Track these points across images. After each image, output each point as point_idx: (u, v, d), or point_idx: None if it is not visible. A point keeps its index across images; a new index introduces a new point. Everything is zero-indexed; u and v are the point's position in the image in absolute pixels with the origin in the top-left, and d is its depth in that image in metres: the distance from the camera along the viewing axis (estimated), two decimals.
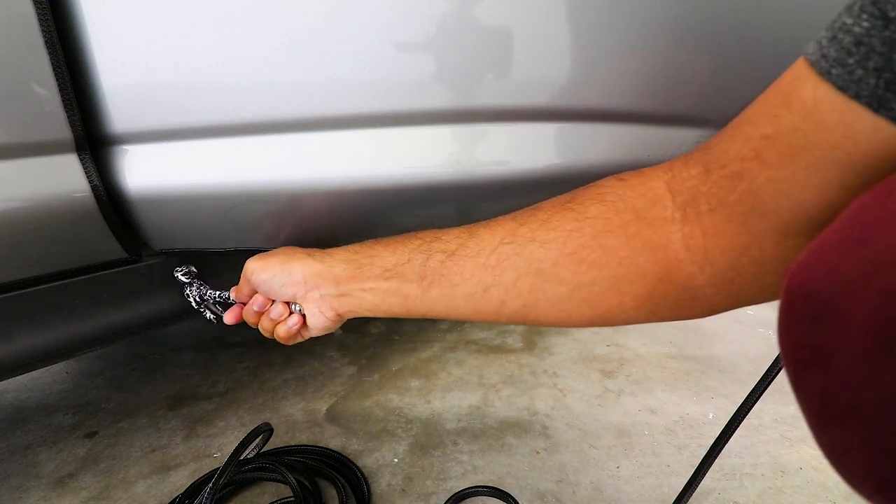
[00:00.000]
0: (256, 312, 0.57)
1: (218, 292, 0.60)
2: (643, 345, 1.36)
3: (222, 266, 0.74)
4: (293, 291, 0.53)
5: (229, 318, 0.60)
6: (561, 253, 0.40)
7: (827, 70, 0.26)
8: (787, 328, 0.23)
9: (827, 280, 0.20)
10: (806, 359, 0.22)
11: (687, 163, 0.37)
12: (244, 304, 0.59)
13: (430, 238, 0.47)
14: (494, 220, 0.46)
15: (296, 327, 0.55)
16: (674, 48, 0.50)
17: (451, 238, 0.46)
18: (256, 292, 0.57)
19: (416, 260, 0.46)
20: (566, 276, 0.40)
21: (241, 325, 0.62)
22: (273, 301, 0.56)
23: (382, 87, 0.52)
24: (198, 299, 0.60)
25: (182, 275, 0.60)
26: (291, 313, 0.55)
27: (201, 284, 0.60)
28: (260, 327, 0.58)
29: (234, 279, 0.59)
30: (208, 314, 0.61)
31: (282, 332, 0.55)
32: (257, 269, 0.54)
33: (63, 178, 0.55)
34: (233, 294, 0.60)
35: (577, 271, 0.40)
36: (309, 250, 0.54)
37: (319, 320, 0.54)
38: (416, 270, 0.46)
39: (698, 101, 0.53)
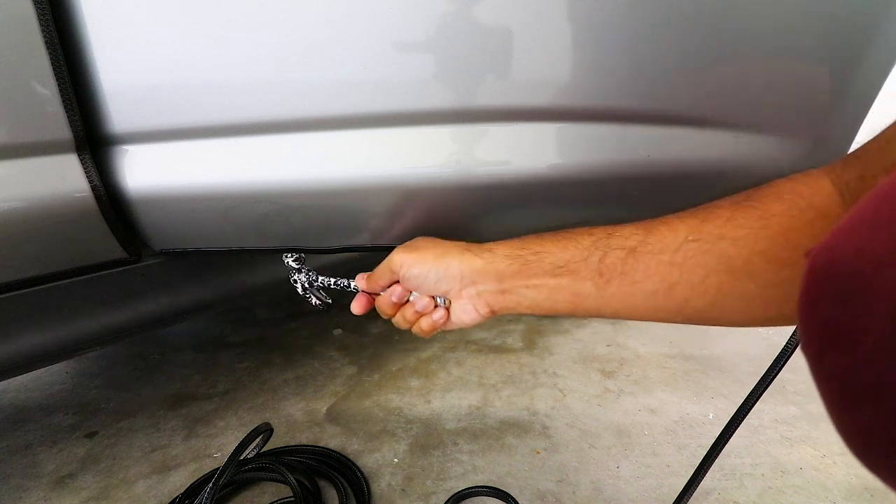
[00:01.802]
0: (395, 304, 0.55)
1: (334, 279, 0.58)
2: (643, 345, 1.36)
3: None
4: (447, 287, 0.51)
5: (357, 307, 0.57)
6: (752, 251, 0.40)
7: None
8: (811, 308, 0.23)
9: (855, 258, 0.20)
10: (830, 338, 0.22)
11: (845, 167, 0.38)
12: (369, 293, 0.57)
13: (604, 234, 0.46)
14: (668, 218, 0.45)
15: (441, 321, 0.53)
16: (673, 48, 0.50)
17: (627, 234, 0.45)
18: (396, 283, 0.54)
19: (594, 256, 0.45)
20: (758, 274, 0.40)
21: (243, 325, 0.61)
22: (410, 292, 0.54)
23: (382, 87, 0.52)
24: (306, 285, 0.59)
25: (293, 260, 0.59)
26: (437, 306, 0.53)
27: (310, 270, 0.59)
28: (396, 318, 0.56)
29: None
30: (314, 300, 0.59)
31: (426, 325, 0.54)
32: (408, 262, 0.52)
33: (63, 178, 0.55)
34: (360, 282, 0.57)
35: (768, 269, 0.39)
36: (461, 244, 0.52)
37: (470, 317, 0.52)
38: (593, 267, 0.45)
39: (698, 100, 0.53)
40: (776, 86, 0.52)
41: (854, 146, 0.57)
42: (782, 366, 0.54)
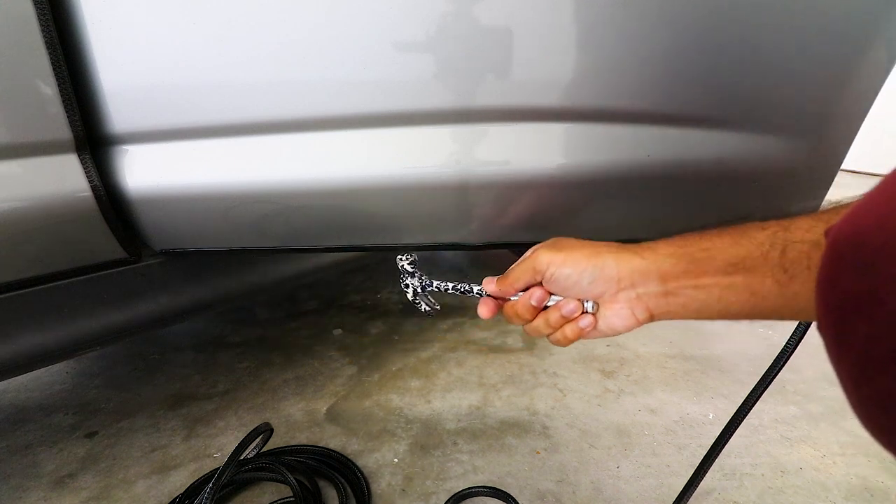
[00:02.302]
0: (534, 308, 0.50)
1: (452, 284, 0.54)
2: (643, 345, 1.36)
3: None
4: (601, 289, 0.47)
5: (486, 311, 0.53)
6: None
7: None
8: (833, 280, 0.24)
9: (876, 229, 0.21)
10: (852, 308, 0.22)
11: None
12: (500, 297, 0.53)
13: (779, 228, 0.42)
14: (837, 207, 0.41)
15: (588, 328, 0.48)
16: (673, 48, 0.50)
17: (806, 227, 0.41)
18: (536, 285, 0.50)
19: (773, 252, 0.41)
20: None
21: (243, 325, 0.61)
22: (550, 295, 0.50)
23: (381, 87, 0.52)
24: (418, 290, 0.55)
25: (408, 264, 0.55)
26: (584, 312, 0.49)
27: (423, 275, 0.56)
28: (535, 323, 0.51)
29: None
30: (423, 306, 0.57)
31: (571, 331, 0.49)
32: (557, 262, 0.47)
33: (63, 178, 0.55)
34: (489, 285, 0.53)
35: None
36: (611, 243, 0.48)
37: (625, 323, 0.47)
38: (774, 263, 0.41)
39: (697, 101, 0.53)
40: (777, 86, 0.52)
41: (854, 146, 0.57)
42: (782, 366, 0.54)
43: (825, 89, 0.52)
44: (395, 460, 0.91)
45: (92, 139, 0.56)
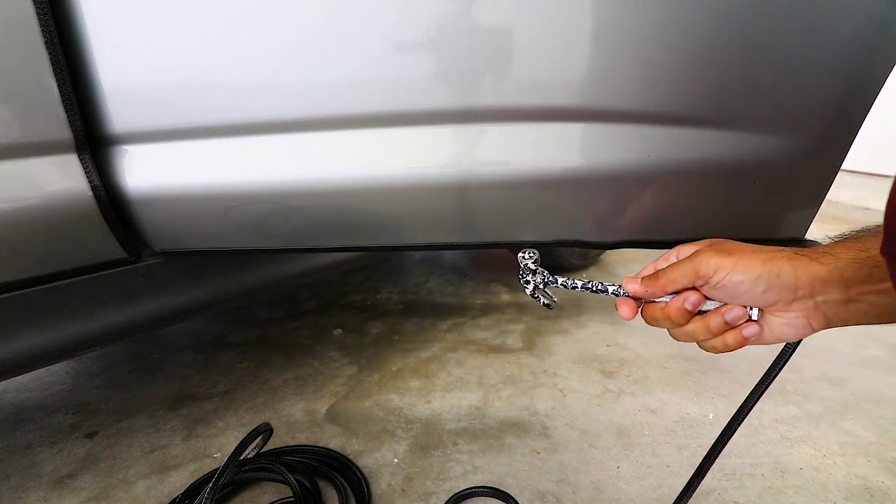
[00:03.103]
0: (688, 312, 0.48)
1: (581, 282, 0.53)
2: (643, 345, 1.36)
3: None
4: (775, 298, 0.44)
5: (627, 311, 0.51)
6: None
7: None
8: None
9: None
10: None
11: None
12: (636, 298, 0.51)
13: None
14: None
15: (753, 337, 0.46)
16: (674, 49, 0.50)
17: None
18: (692, 288, 0.48)
19: None
20: None
21: (243, 325, 0.61)
22: (706, 299, 0.47)
23: (381, 87, 0.52)
24: (540, 286, 0.54)
25: (531, 262, 0.54)
26: (749, 320, 0.46)
27: (545, 272, 0.54)
28: (691, 328, 0.49)
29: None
30: (542, 300, 0.56)
31: (732, 339, 0.47)
32: (727, 267, 0.45)
33: (63, 178, 0.55)
34: (632, 285, 0.50)
35: None
36: (781, 248, 0.46)
37: (798, 332, 0.45)
38: None
39: (699, 101, 0.53)
40: (779, 85, 0.52)
41: (855, 145, 0.57)
42: (782, 366, 0.54)
43: (826, 89, 0.52)
44: (395, 460, 0.91)
45: (92, 139, 0.56)
